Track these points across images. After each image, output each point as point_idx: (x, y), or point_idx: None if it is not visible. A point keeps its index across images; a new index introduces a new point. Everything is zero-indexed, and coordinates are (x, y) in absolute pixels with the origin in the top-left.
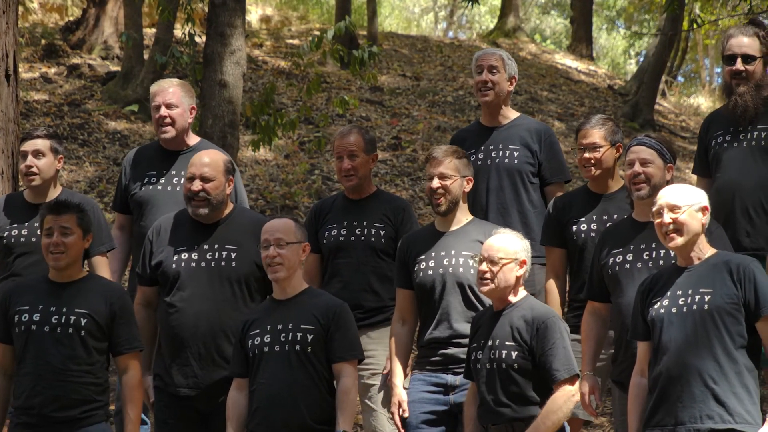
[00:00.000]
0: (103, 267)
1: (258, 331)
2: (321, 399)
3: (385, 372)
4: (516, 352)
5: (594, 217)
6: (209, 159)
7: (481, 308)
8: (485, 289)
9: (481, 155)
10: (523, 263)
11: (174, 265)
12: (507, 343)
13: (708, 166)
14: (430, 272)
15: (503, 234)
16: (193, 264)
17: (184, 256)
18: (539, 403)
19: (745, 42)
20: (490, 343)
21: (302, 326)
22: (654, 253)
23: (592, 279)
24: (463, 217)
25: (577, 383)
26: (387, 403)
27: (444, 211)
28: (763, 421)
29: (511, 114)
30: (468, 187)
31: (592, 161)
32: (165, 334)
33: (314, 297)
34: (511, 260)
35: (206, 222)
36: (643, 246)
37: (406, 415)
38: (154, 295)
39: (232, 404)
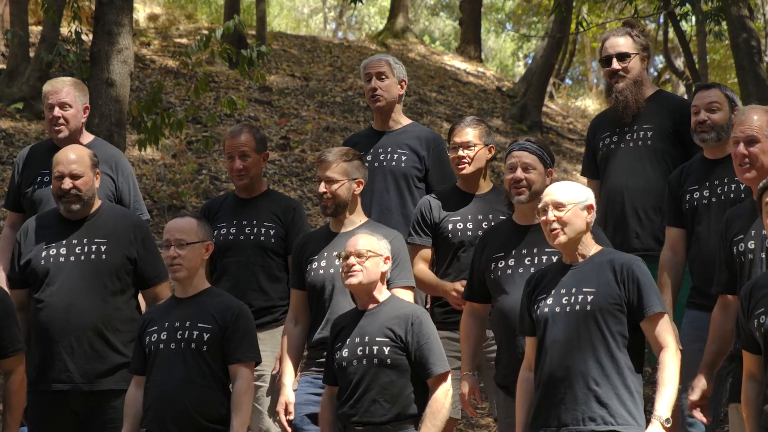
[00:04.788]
0: None
1: (156, 328)
2: (214, 398)
3: (273, 372)
4: (389, 348)
5: (470, 216)
6: (75, 155)
7: None
8: (354, 281)
9: (369, 158)
10: (387, 259)
11: (42, 261)
12: (378, 338)
13: (597, 168)
14: (321, 272)
15: (363, 234)
16: (62, 259)
17: (53, 251)
18: (410, 401)
19: (619, 42)
20: (357, 340)
21: (199, 325)
22: (536, 258)
23: (472, 281)
24: (357, 218)
25: (450, 378)
26: (274, 407)
27: (330, 214)
28: (648, 422)
29: (403, 120)
30: (358, 190)
31: (466, 159)
32: (36, 331)
33: (214, 297)
34: (376, 254)
35: (75, 218)
36: (524, 251)
37: (291, 417)
38: (26, 298)
39: (130, 401)
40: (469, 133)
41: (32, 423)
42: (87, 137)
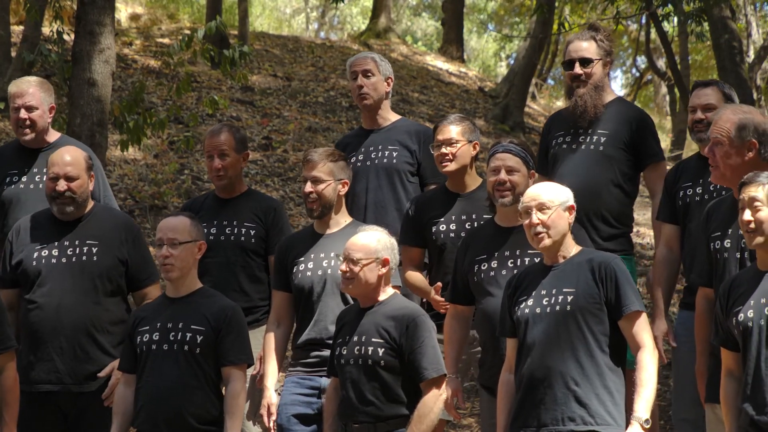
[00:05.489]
0: None
1: (147, 328)
2: (206, 400)
3: (254, 373)
4: (383, 349)
5: (453, 217)
6: (71, 157)
7: None
8: (345, 288)
9: (360, 156)
10: (385, 262)
11: (34, 262)
12: (373, 339)
13: (548, 165)
14: (308, 273)
15: (365, 233)
16: (53, 260)
17: (45, 252)
18: (405, 402)
19: (583, 46)
20: (355, 339)
21: (192, 327)
22: (519, 260)
23: (455, 282)
24: (342, 219)
25: (445, 383)
26: (254, 408)
27: (317, 215)
28: (628, 422)
29: (391, 116)
30: (343, 191)
31: (449, 156)
32: (26, 331)
33: (207, 297)
34: (371, 260)
35: (68, 219)
36: (507, 253)
37: (274, 417)
38: (16, 298)
39: (119, 399)
40: (452, 130)
41: (20, 424)
42: (53, 135)
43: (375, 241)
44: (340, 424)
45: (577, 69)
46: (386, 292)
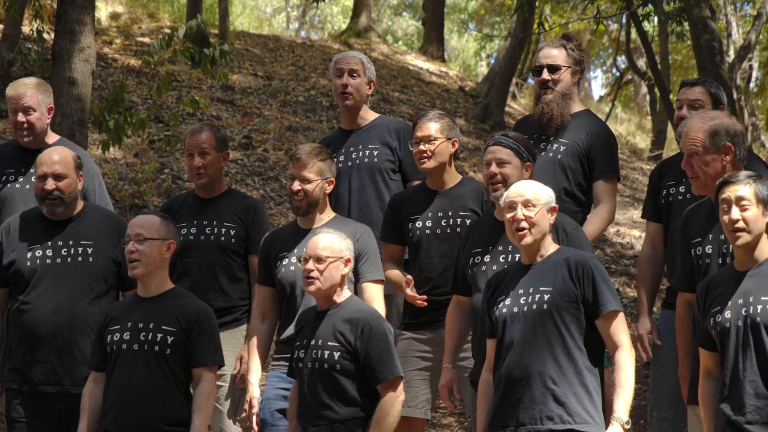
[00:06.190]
0: None
1: (118, 327)
2: (176, 401)
3: (234, 373)
4: (338, 353)
5: (430, 214)
6: (59, 156)
7: None
8: (312, 288)
9: (341, 158)
10: (347, 261)
11: (29, 263)
12: (330, 343)
13: None
14: (291, 269)
15: (325, 234)
16: (48, 261)
17: (39, 253)
18: (361, 404)
19: (553, 53)
20: (312, 342)
21: (163, 327)
22: (510, 256)
23: (456, 273)
24: (326, 215)
25: (401, 385)
26: (234, 407)
27: (303, 213)
28: (607, 422)
29: (369, 115)
30: (329, 189)
31: (427, 153)
32: (20, 333)
33: (178, 298)
34: (336, 258)
35: (58, 219)
36: (500, 248)
37: (255, 411)
38: (3, 297)
39: (88, 396)
40: (431, 127)
41: (11, 419)
42: (52, 137)
43: (338, 240)
44: (300, 428)
45: (545, 75)
46: (342, 295)
